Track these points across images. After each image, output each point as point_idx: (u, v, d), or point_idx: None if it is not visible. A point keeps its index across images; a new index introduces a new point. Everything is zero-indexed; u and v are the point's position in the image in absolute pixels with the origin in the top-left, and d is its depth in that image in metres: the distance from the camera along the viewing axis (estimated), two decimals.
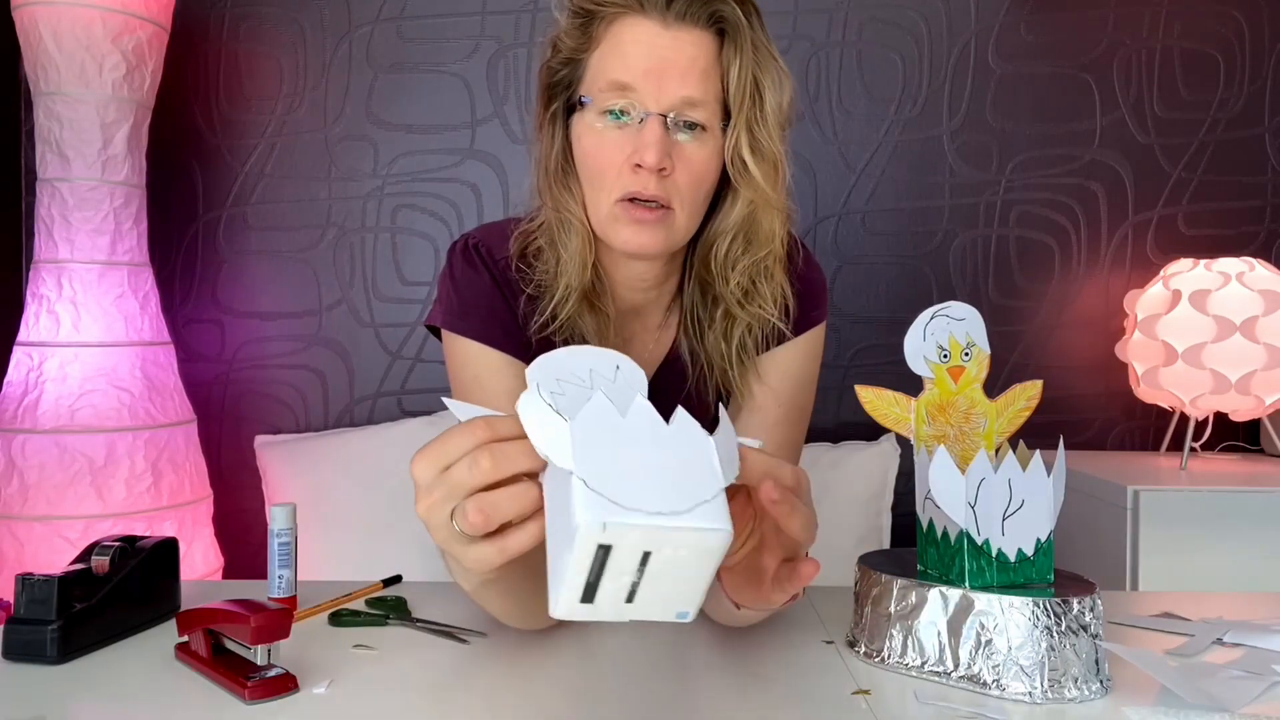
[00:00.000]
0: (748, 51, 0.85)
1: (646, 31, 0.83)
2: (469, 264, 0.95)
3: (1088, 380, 2.06)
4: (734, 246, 0.91)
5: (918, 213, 2.05)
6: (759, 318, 0.93)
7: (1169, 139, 2.06)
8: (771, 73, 0.86)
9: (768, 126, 0.86)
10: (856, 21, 2.03)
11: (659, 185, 0.84)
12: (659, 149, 0.82)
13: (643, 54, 0.83)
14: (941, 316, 0.80)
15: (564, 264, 0.89)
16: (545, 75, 0.90)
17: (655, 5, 0.83)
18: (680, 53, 0.83)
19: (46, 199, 1.66)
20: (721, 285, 0.92)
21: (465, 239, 0.97)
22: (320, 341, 2.04)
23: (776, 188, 0.88)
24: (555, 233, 0.90)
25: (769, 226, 0.90)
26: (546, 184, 0.90)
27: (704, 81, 0.84)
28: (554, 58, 0.89)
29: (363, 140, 2.03)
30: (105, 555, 0.85)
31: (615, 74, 0.83)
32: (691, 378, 0.98)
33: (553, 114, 0.90)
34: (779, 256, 0.93)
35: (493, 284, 0.93)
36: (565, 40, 0.88)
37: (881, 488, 1.85)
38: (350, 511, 1.78)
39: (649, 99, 0.83)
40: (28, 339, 1.67)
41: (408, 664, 0.78)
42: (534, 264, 0.92)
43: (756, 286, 0.93)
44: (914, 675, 0.75)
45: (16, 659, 0.77)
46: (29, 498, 1.58)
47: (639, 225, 0.85)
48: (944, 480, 0.73)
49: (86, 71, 1.63)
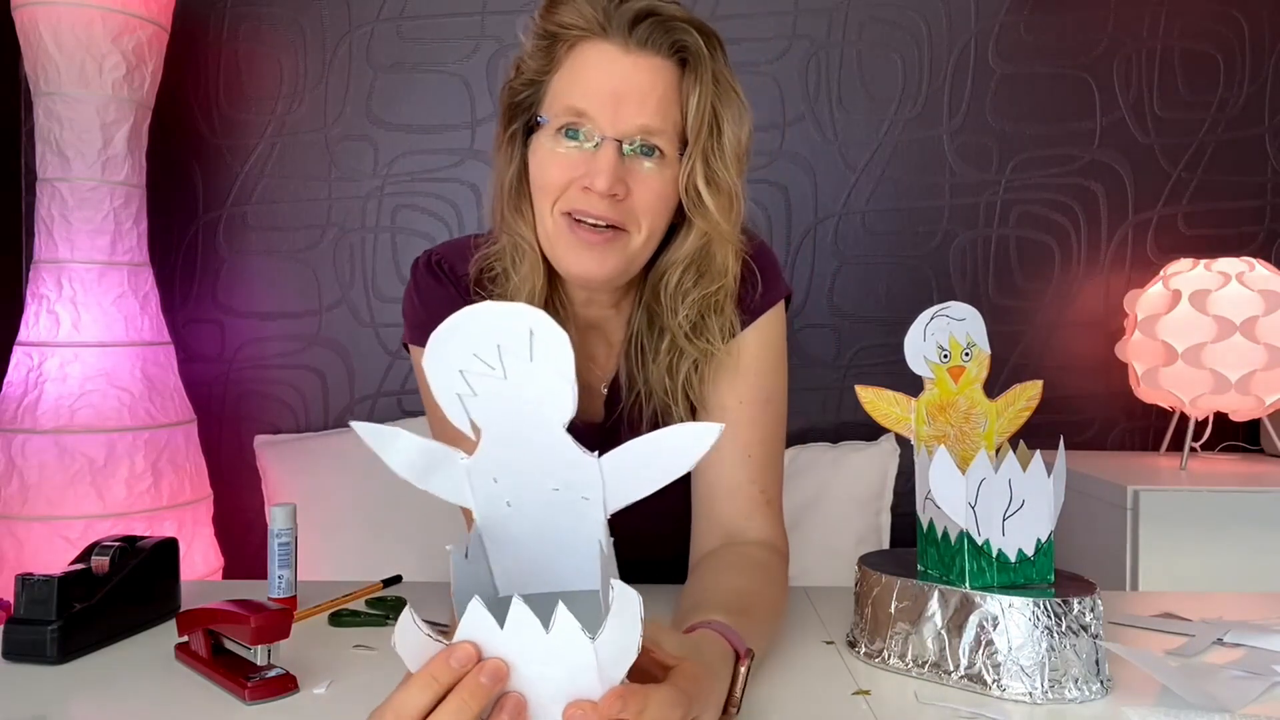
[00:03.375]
0: (708, 83, 0.84)
1: (606, 56, 0.83)
2: (433, 278, 0.95)
3: (1088, 380, 2.06)
4: (685, 278, 0.90)
5: (918, 213, 2.04)
6: (706, 353, 0.92)
7: (1169, 139, 2.06)
8: (732, 106, 0.86)
9: (724, 159, 0.86)
10: (856, 21, 2.03)
11: (609, 207, 0.83)
12: (610, 174, 0.81)
13: (602, 78, 0.83)
14: (942, 316, 0.80)
15: (514, 289, 0.90)
16: (506, 95, 0.90)
17: (618, 30, 0.83)
18: (639, 79, 0.83)
19: (46, 199, 1.66)
20: (670, 317, 0.91)
21: (428, 254, 0.97)
22: (320, 341, 2.03)
23: (731, 220, 0.87)
24: (509, 256, 0.90)
25: (722, 260, 0.89)
26: (500, 206, 0.90)
27: (662, 109, 0.83)
28: (516, 78, 0.89)
29: (363, 140, 2.03)
30: (105, 555, 0.85)
31: (572, 99, 0.83)
32: (626, 403, 0.96)
33: (512, 134, 0.90)
34: (729, 291, 0.92)
35: (457, 297, 0.93)
36: (528, 62, 0.88)
37: (881, 488, 1.85)
38: (350, 511, 1.78)
39: (605, 124, 0.82)
40: (28, 339, 1.67)
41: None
42: (490, 288, 0.92)
43: (705, 321, 0.91)
44: (914, 675, 0.75)
45: (16, 659, 0.77)
46: (29, 498, 1.58)
47: (586, 248, 0.84)
48: (944, 480, 0.73)
49: (86, 71, 1.62)
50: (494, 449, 0.56)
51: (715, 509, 0.93)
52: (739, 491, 0.93)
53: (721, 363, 0.94)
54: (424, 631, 0.50)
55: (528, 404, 0.54)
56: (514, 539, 0.58)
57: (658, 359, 0.93)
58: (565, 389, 0.54)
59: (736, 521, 0.93)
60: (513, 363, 0.54)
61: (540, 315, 0.53)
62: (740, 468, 0.93)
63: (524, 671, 0.50)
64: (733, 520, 0.93)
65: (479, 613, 0.50)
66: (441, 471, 0.56)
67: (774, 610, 0.84)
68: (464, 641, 0.50)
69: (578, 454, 0.55)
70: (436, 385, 0.54)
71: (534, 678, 0.50)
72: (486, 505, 0.57)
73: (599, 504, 0.56)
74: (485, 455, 0.56)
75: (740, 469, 0.93)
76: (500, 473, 0.56)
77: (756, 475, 0.93)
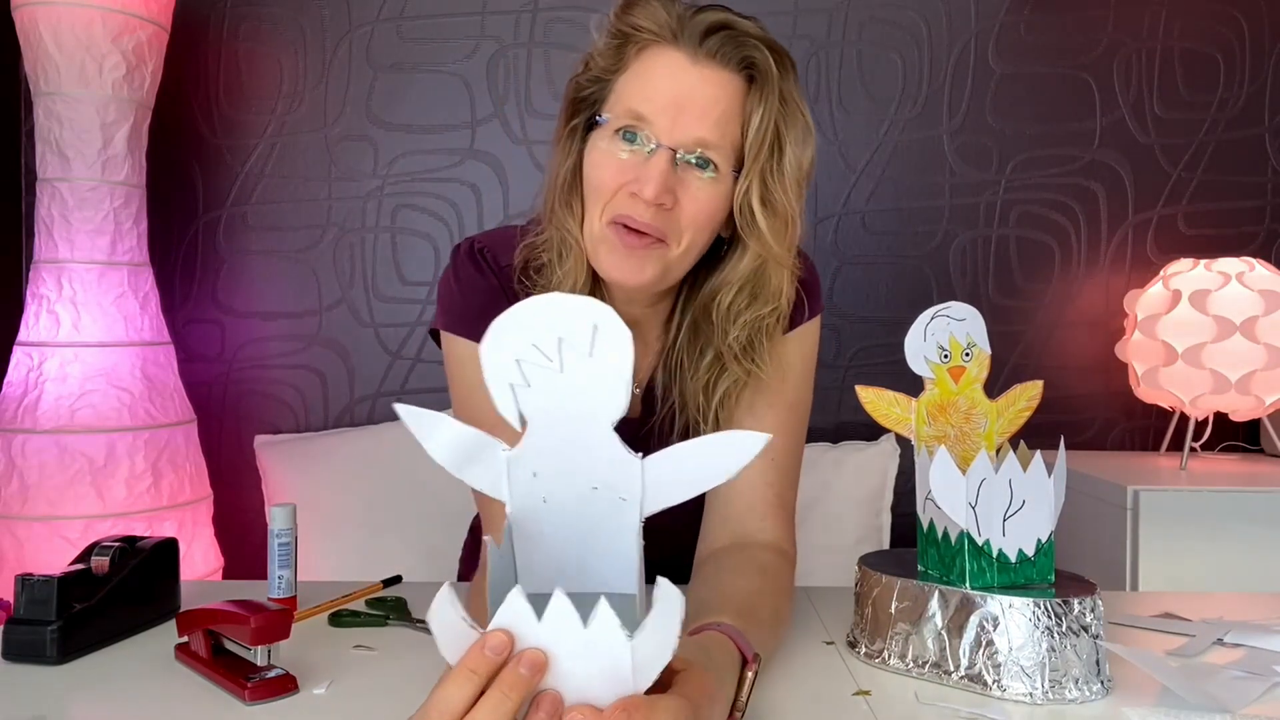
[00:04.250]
0: (773, 102, 0.84)
1: (674, 64, 0.82)
2: (474, 266, 0.94)
3: (1088, 380, 2.06)
4: (738, 299, 0.89)
5: (918, 213, 2.04)
6: (752, 375, 0.91)
7: (1169, 139, 2.06)
8: (796, 127, 0.85)
9: (783, 180, 0.85)
10: (856, 21, 2.03)
11: (654, 216, 0.83)
12: (660, 183, 0.81)
13: (666, 86, 0.82)
14: (942, 317, 0.80)
15: (558, 282, 0.90)
16: (572, 90, 0.90)
17: (689, 39, 0.82)
18: (703, 91, 0.82)
19: (46, 199, 1.66)
20: (720, 338, 0.90)
21: (470, 242, 0.96)
22: (320, 341, 2.03)
23: (784, 243, 0.86)
24: (555, 249, 0.90)
25: (776, 283, 0.88)
26: (552, 199, 0.90)
27: (722, 124, 0.83)
28: (584, 74, 0.89)
29: (363, 140, 2.03)
30: (105, 555, 0.85)
31: (634, 102, 0.83)
32: (660, 413, 0.96)
33: (572, 129, 0.90)
34: (781, 314, 0.91)
35: (497, 288, 0.93)
36: (597, 59, 0.87)
37: (881, 488, 1.85)
38: (350, 511, 1.78)
39: (662, 131, 0.82)
40: (28, 339, 1.67)
41: (408, 664, 0.78)
42: (534, 279, 0.92)
43: (754, 344, 0.91)
44: (914, 675, 0.75)
45: (16, 659, 0.77)
46: (29, 498, 1.58)
47: (626, 251, 0.84)
48: (944, 480, 0.73)
49: (86, 71, 1.62)
50: (538, 441, 0.55)
51: (729, 508, 0.93)
52: (754, 493, 0.92)
53: (759, 379, 0.93)
54: (459, 615, 0.50)
55: (580, 399, 0.53)
56: (545, 535, 0.57)
57: (696, 375, 0.92)
58: (620, 388, 0.53)
59: (748, 522, 0.92)
60: (571, 357, 0.53)
61: (607, 312, 0.53)
62: (758, 470, 0.92)
63: (556, 668, 0.50)
64: (745, 521, 0.92)
65: (518, 603, 0.49)
66: (482, 462, 0.55)
67: (779, 616, 0.83)
68: (498, 630, 0.50)
69: (623, 453, 0.54)
70: (491, 373, 0.53)
71: (565, 674, 0.50)
72: (522, 499, 0.56)
73: (636, 505, 0.55)
74: (528, 448, 0.55)
75: (758, 471, 0.92)
76: (541, 466, 0.55)
77: (774, 478, 0.93)
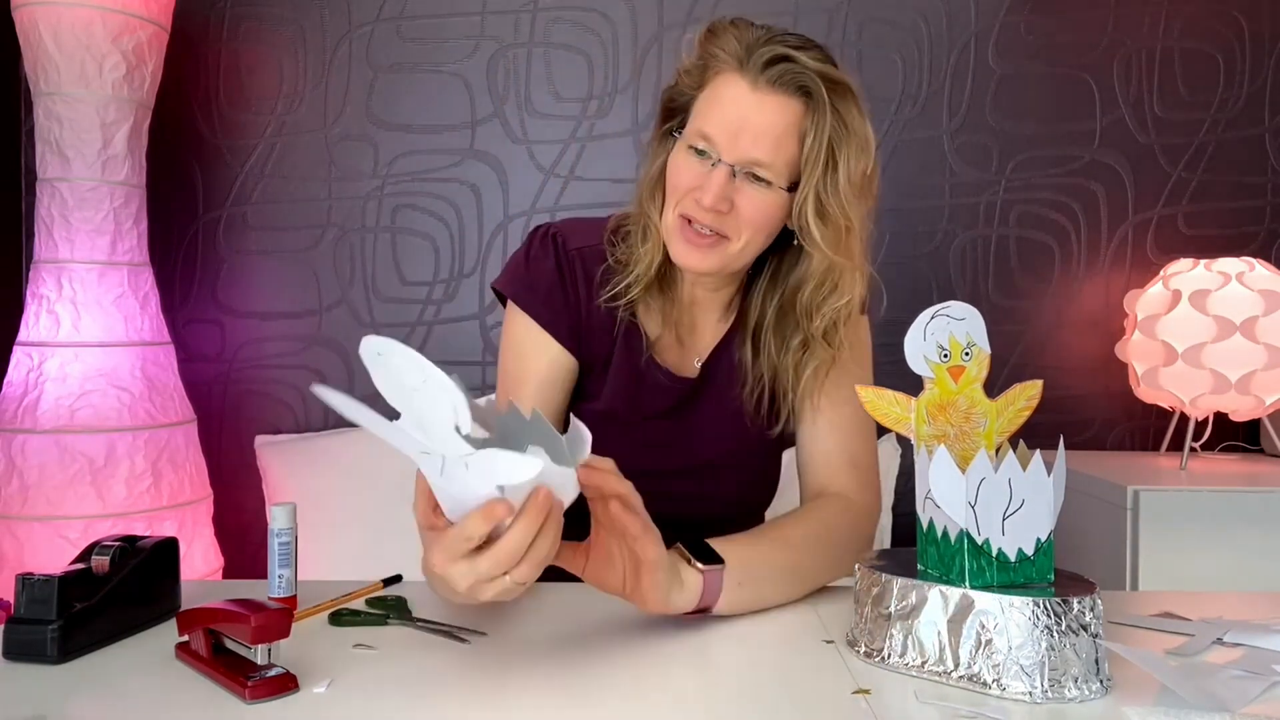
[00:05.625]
0: (825, 122, 0.93)
1: (738, 90, 0.94)
2: (544, 248, 1.07)
3: (1088, 380, 2.06)
4: (818, 293, 1.01)
5: (918, 213, 2.04)
6: (833, 359, 1.05)
7: (1169, 139, 2.06)
8: (850, 144, 0.95)
9: (838, 193, 0.95)
10: (856, 21, 2.03)
11: (713, 219, 0.95)
12: (717, 193, 0.93)
13: (729, 111, 0.94)
14: (942, 316, 0.80)
15: (637, 258, 1.03)
16: (665, 98, 1.03)
17: (753, 68, 0.93)
18: (760, 118, 0.93)
19: (46, 199, 1.66)
20: (806, 322, 1.03)
21: (548, 227, 1.09)
22: (320, 341, 2.03)
23: (840, 249, 0.97)
24: (639, 230, 1.04)
25: (849, 280, 1.01)
26: (642, 189, 1.04)
27: (777, 146, 0.94)
28: (674, 87, 1.02)
29: (363, 140, 2.03)
30: (105, 555, 0.84)
31: (703, 124, 0.95)
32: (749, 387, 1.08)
33: (664, 132, 1.03)
34: (856, 306, 1.03)
35: (555, 269, 1.06)
36: (684, 77, 1.00)
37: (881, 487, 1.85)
38: (350, 511, 1.78)
39: (723, 150, 0.94)
40: (28, 339, 1.67)
41: (408, 664, 0.78)
42: (618, 244, 1.06)
43: (835, 329, 1.04)
44: (914, 675, 0.75)
45: (16, 659, 0.77)
46: (29, 498, 1.58)
47: (691, 245, 0.98)
48: (944, 480, 0.73)
49: (86, 71, 1.63)
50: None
51: (807, 476, 1.08)
52: (829, 458, 1.07)
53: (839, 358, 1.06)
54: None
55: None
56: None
57: (787, 353, 1.05)
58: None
59: (824, 484, 1.07)
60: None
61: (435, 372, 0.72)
62: (830, 437, 1.07)
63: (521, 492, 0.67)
64: (821, 483, 1.07)
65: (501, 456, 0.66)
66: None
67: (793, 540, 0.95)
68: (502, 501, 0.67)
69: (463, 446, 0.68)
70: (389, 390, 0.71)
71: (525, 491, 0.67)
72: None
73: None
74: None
75: (830, 438, 1.07)
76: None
77: (846, 443, 1.07)
